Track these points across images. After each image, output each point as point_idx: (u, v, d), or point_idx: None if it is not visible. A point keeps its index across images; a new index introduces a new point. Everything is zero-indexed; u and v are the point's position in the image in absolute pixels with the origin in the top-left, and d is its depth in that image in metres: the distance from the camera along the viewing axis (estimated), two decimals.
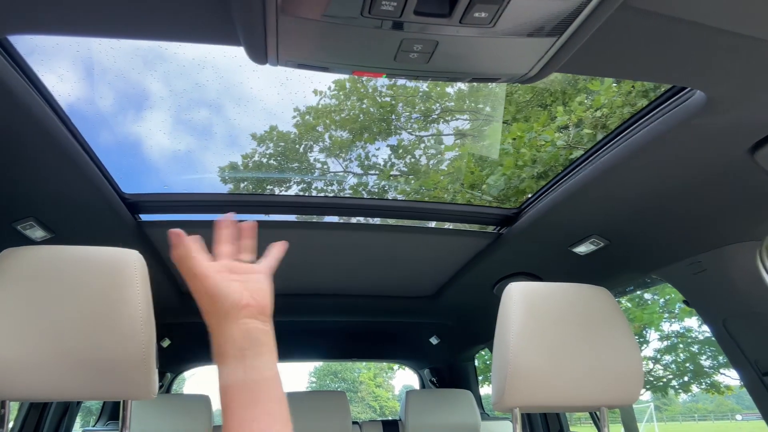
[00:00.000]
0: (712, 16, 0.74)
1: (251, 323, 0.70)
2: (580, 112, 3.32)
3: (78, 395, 1.06)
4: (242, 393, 0.66)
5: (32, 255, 1.07)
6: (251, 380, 0.67)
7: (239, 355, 0.67)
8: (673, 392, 13.30)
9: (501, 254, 2.03)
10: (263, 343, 0.70)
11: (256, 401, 0.66)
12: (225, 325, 0.69)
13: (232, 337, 0.68)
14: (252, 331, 0.70)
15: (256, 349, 0.69)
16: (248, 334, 0.69)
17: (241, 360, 0.67)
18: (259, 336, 0.70)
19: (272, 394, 0.67)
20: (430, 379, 4.02)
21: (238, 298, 0.70)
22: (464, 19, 0.59)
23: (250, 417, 0.65)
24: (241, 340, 0.68)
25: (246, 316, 0.70)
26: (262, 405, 0.66)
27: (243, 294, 0.71)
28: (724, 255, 1.46)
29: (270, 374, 0.68)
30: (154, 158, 1.81)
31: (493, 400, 1.32)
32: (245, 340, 0.68)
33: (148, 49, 1.46)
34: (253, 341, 0.69)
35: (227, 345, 0.68)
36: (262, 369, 0.68)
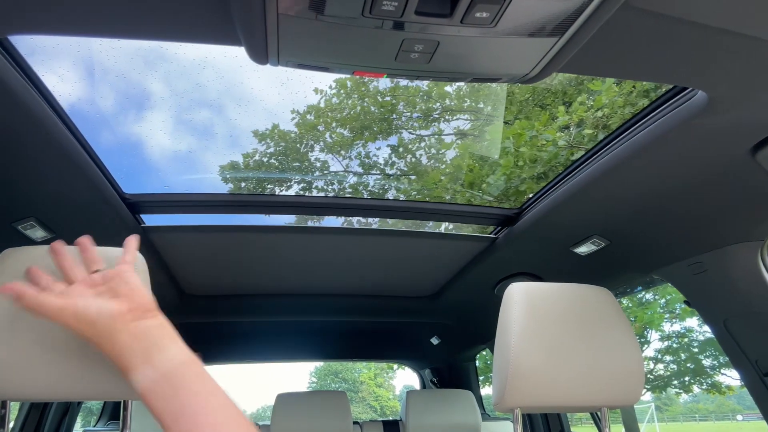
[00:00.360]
0: (713, 16, 0.74)
1: (142, 324, 0.68)
2: (581, 112, 3.32)
3: (78, 395, 1.06)
4: (162, 388, 0.63)
5: (33, 255, 1.07)
6: (166, 372, 0.64)
7: (144, 359, 0.65)
8: (674, 392, 13.29)
9: (502, 254, 2.03)
10: (163, 336, 0.68)
11: (178, 387, 0.63)
12: (117, 338, 0.67)
13: (129, 347, 0.66)
14: (146, 331, 0.68)
15: (157, 344, 0.67)
16: (144, 336, 0.67)
17: (148, 362, 0.65)
18: (155, 333, 0.68)
19: (192, 375, 0.65)
20: (431, 379, 4.02)
21: (114, 307, 0.68)
22: (465, 19, 0.59)
23: (179, 406, 0.62)
24: (140, 344, 0.66)
25: (133, 320, 0.68)
26: (185, 389, 0.63)
27: (117, 301, 0.69)
28: (725, 255, 1.46)
29: (183, 358, 0.66)
30: (155, 158, 1.81)
31: (493, 401, 1.32)
32: (143, 342, 0.67)
33: (149, 49, 1.46)
34: (150, 339, 0.67)
35: (128, 355, 0.66)
36: (172, 358, 0.66)
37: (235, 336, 3.38)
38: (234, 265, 2.21)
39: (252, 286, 2.38)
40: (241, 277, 2.35)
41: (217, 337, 3.47)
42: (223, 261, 2.17)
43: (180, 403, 0.62)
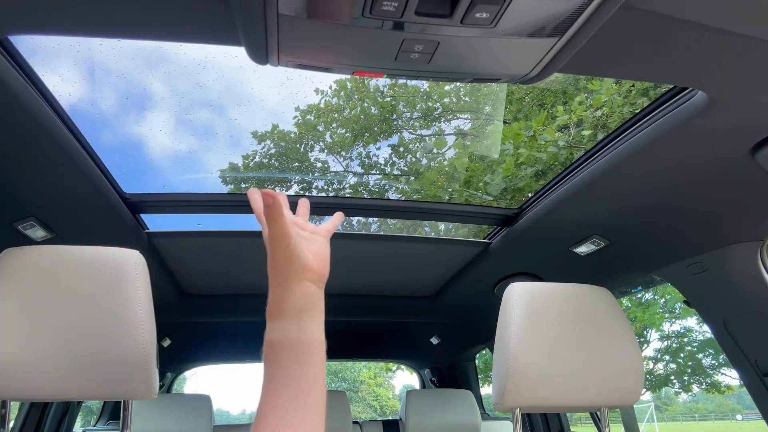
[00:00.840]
0: (713, 16, 0.74)
1: (311, 287, 0.71)
2: (580, 112, 3.31)
3: (78, 395, 1.06)
4: (294, 351, 0.67)
5: (33, 255, 1.07)
6: (304, 340, 0.68)
7: (296, 316, 0.68)
8: (674, 392, 13.31)
9: (502, 254, 2.03)
10: (318, 307, 0.72)
11: (305, 361, 0.67)
12: (288, 285, 0.69)
13: (292, 297, 0.69)
14: (311, 294, 0.71)
15: (311, 312, 0.70)
16: (308, 297, 0.70)
17: (297, 320, 0.68)
18: (315, 300, 0.72)
19: (319, 357, 0.70)
20: (431, 378, 4.02)
21: (306, 260, 0.71)
22: (465, 20, 0.59)
23: (296, 375, 0.66)
24: (301, 302, 0.69)
25: (308, 279, 0.71)
26: (310, 365, 0.67)
27: (309, 257, 0.72)
28: (725, 255, 1.46)
29: (320, 338, 0.71)
30: (155, 158, 1.81)
31: (493, 400, 1.32)
32: (305, 302, 0.70)
33: (149, 49, 1.46)
34: (310, 304, 0.70)
35: (286, 304, 0.69)
36: (314, 331, 0.70)
37: (235, 335, 3.38)
38: (234, 264, 2.21)
39: (252, 286, 2.38)
40: (240, 276, 2.35)
41: (217, 337, 3.47)
42: (222, 260, 2.17)
43: (299, 374, 0.66)
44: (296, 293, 0.69)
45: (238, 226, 1.81)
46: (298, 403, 0.65)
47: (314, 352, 0.69)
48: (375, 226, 4.37)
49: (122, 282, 1.07)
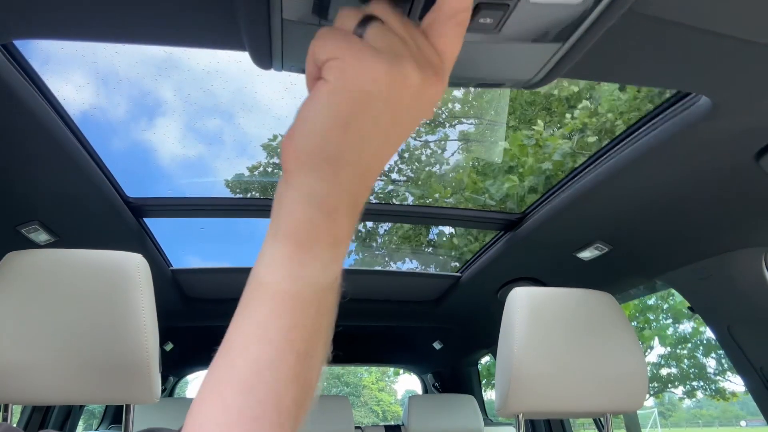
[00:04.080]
0: (717, 21, 0.73)
1: None
2: (583, 118, 3.31)
3: (81, 399, 1.06)
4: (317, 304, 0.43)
5: (36, 258, 1.07)
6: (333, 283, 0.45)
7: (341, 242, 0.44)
8: (678, 398, 13.26)
9: (505, 259, 2.03)
10: None
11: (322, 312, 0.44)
12: (375, 170, 0.44)
13: (358, 198, 0.44)
14: None
15: None
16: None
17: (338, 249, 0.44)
18: None
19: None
20: (433, 383, 4.01)
21: None
22: (469, 25, 0.59)
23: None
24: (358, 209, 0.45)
25: None
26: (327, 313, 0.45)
27: None
28: (730, 261, 1.46)
29: None
30: (158, 163, 1.82)
31: (496, 406, 1.31)
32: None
33: (157, 56, 1.46)
34: None
35: (342, 218, 0.43)
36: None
37: None
38: (236, 269, 2.21)
39: None
40: (244, 279, 2.35)
41: (220, 341, 3.46)
42: (225, 265, 2.17)
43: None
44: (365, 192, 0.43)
45: (243, 230, 1.82)
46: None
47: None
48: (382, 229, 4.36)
49: (125, 286, 1.07)
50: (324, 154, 0.40)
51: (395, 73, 0.39)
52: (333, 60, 0.39)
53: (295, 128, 0.41)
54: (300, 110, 0.41)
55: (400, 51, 0.40)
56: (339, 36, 0.40)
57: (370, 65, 0.39)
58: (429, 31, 0.44)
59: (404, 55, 0.40)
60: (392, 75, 0.39)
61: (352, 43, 0.40)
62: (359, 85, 0.39)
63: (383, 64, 0.39)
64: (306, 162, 0.40)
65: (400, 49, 0.40)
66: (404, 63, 0.40)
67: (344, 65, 0.39)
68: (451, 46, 0.45)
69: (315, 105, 0.40)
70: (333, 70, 0.39)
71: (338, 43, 0.40)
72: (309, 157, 0.40)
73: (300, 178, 0.41)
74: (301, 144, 0.40)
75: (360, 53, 0.39)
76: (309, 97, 0.41)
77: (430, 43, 0.44)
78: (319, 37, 0.41)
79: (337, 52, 0.39)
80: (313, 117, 0.40)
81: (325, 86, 0.40)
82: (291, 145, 0.41)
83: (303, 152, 0.40)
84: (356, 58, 0.39)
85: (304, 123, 0.40)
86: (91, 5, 0.72)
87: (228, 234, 2.79)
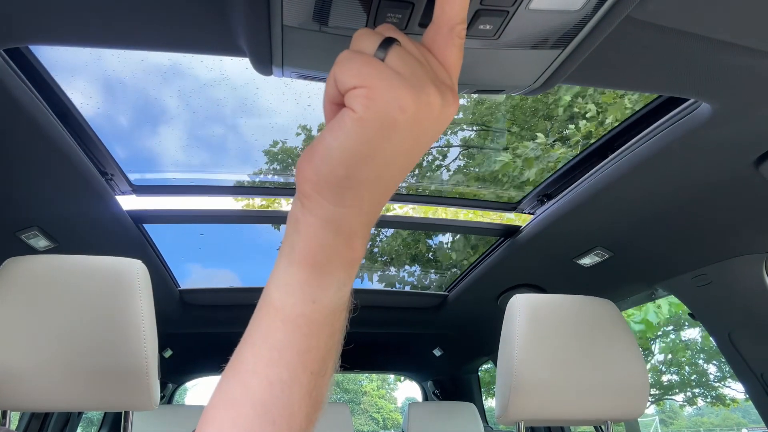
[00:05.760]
0: (716, 29, 0.74)
1: None
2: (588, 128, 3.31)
3: (79, 406, 1.06)
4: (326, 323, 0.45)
5: (35, 264, 1.07)
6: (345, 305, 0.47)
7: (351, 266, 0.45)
8: (678, 405, 13.23)
9: (505, 266, 2.03)
10: None
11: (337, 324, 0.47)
12: (386, 194, 0.44)
13: (368, 221, 0.45)
14: None
15: None
16: None
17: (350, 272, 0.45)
18: None
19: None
20: (433, 391, 4.00)
21: None
22: (469, 32, 0.59)
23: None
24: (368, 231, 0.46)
25: None
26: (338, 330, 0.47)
27: None
28: (730, 267, 1.46)
29: None
30: (159, 169, 1.82)
31: (497, 413, 1.31)
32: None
33: (160, 64, 1.47)
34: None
35: (359, 240, 0.44)
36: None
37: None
38: (236, 273, 2.21)
39: (255, 297, 2.38)
40: (243, 289, 2.35)
41: (219, 347, 3.45)
42: (224, 272, 2.16)
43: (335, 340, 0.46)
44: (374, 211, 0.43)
45: (242, 236, 1.81)
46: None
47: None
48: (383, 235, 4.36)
49: (124, 292, 1.07)
50: (346, 182, 0.40)
51: (421, 101, 0.39)
52: (360, 88, 0.39)
53: (315, 153, 0.40)
54: (323, 136, 0.40)
55: (422, 76, 0.40)
56: (363, 62, 0.40)
57: (398, 94, 0.38)
58: (432, 48, 0.45)
59: (426, 80, 0.40)
60: (418, 103, 0.39)
61: (379, 71, 0.39)
62: (387, 115, 0.39)
63: (410, 92, 0.39)
64: (326, 188, 0.40)
65: (421, 74, 0.40)
66: (428, 88, 0.40)
67: (372, 94, 0.38)
68: (455, 60, 0.45)
69: (340, 134, 0.39)
70: (360, 99, 0.39)
71: (364, 69, 0.39)
72: (330, 184, 0.40)
73: (318, 202, 0.40)
74: (324, 171, 0.40)
75: (387, 82, 0.38)
76: (334, 125, 0.40)
77: (438, 60, 0.44)
78: (343, 62, 0.40)
79: (364, 80, 0.39)
80: (339, 146, 0.39)
81: (352, 116, 0.39)
82: (310, 170, 0.40)
83: (324, 179, 0.40)
84: (384, 88, 0.38)
85: (328, 151, 0.39)
86: (90, 11, 0.72)
87: (228, 240, 2.78)
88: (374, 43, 0.41)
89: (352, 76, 0.39)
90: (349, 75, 0.39)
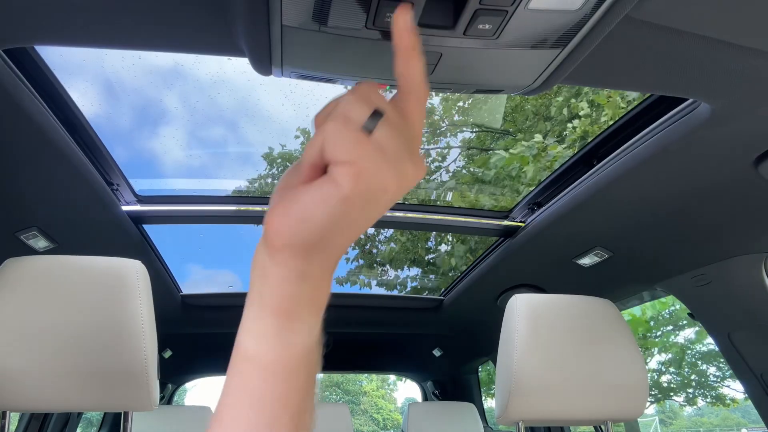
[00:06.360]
0: (716, 28, 0.74)
1: None
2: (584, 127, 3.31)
3: (79, 406, 1.06)
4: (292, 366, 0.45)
5: (35, 265, 1.07)
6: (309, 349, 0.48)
7: (316, 310, 0.47)
8: (678, 405, 13.21)
9: (504, 266, 2.03)
10: None
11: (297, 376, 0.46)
12: (346, 241, 0.45)
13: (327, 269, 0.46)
14: None
15: None
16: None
17: (314, 317, 0.47)
18: None
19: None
20: (433, 391, 3.99)
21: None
22: (468, 31, 0.59)
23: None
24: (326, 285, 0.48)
25: None
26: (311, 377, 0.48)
27: None
28: (729, 267, 1.46)
29: None
30: (158, 170, 1.83)
31: (496, 413, 1.31)
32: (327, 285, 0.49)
33: (162, 65, 1.47)
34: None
35: (321, 289, 0.46)
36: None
37: None
38: (237, 274, 2.21)
39: None
40: (243, 287, 2.35)
41: (218, 348, 3.45)
42: (224, 272, 2.16)
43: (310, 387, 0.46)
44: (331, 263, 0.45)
45: (242, 237, 1.81)
46: None
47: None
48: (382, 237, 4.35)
49: (123, 292, 1.07)
50: (319, 245, 0.42)
51: (401, 179, 0.42)
52: (349, 166, 0.40)
53: (291, 213, 0.41)
54: (303, 201, 0.41)
55: (402, 152, 0.42)
56: (355, 140, 0.40)
57: (385, 176, 0.40)
58: (403, 111, 0.46)
59: (405, 155, 0.42)
60: (399, 181, 0.41)
61: (369, 152, 0.40)
62: (373, 195, 0.41)
63: (394, 173, 0.41)
64: (297, 248, 0.41)
65: (402, 149, 0.42)
66: (406, 165, 0.42)
67: (361, 174, 0.40)
68: (421, 121, 0.47)
69: (324, 206, 0.40)
70: (347, 177, 0.40)
71: (355, 148, 0.40)
72: (303, 245, 0.41)
73: (287, 258, 0.42)
74: (299, 235, 0.41)
75: (375, 164, 0.40)
76: (316, 194, 0.41)
77: (410, 123, 0.45)
78: (334, 136, 0.41)
79: (355, 159, 0.40)
80: (320, 216, 0.40)
81: (339, 193, 0.40)
82: (285, 229, 0.41)
83: (298, 241, 0.41)
84: (372, 170, 0.40)
85: (307, 217, 0.41)
86: (90, 11, 0.72)
87: (228, 240, 2.78)
88: (364, 114, 0.42)
89: (344, 152, 0.40)
90: (340, 151, 0.40)
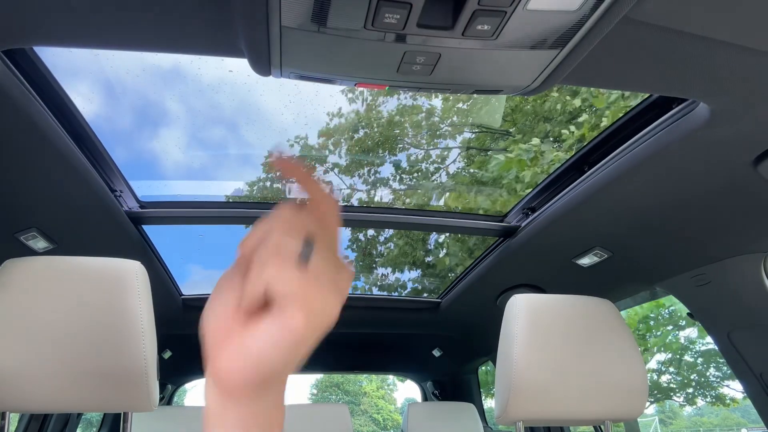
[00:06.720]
0: (714, 29, 0.74)
1: None
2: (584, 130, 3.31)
3: (78, 407, 1.06)
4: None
5: (34, 265, 1.07)
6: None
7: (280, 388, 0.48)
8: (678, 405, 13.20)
9: (504, 266, 2.03)
10: None
11: None
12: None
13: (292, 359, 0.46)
14: None
15: None
16: None
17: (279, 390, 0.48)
18: None
19: None
20: (433, 391, 3.99)
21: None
22: (467, 32, 0.59)
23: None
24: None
25: None
26: None
27: None
28: (729, 267, 1.46)
29: None
30: (157, 171, 1.83)
31: (496, 413, 1.31)
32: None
33: (161, 66, 1.47)
34: None
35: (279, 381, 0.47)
36: None
37: None
38: None
39: None
40: None
41: None
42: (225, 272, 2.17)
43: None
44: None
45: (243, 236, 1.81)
46: None
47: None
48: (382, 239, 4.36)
49: (123, 293, 1.07)
50: (272, 380, 0.43)
51: (339, 293, 0.43)
52: (298, 300, 0.40)
53: (247, 357, 0.41)
54: (258, 346, 0.41)
55: (334, 269, 0.44)
56: (296, 275, 0.41)
57: (329, 302, 0.42)
58: (316, 219, 0.47)
59: (337, 271, 0.44)
60: (340, 301, 0.43)
61: (312, 283, 0.41)
62: (323, 324, 0.42)
63: (335, 296, 0.43)
64: (255, 386, 0.42)
65: (333, 267, 0.44)
66: (341, 279, 0.44)
67: (309, 306, 0.40)
68: (335, 225, 0.49)
69: (280, 345, 0.40)
70: (299, 312, 0.40)
71: (297, 282, 0.40)
72: (262, 383, 0.42)
73: (240, 399, 0.43)
74: (258, 376, 0.41)
75: (318, 290, 0.41)
76: (268, 336, 0.41)
77: (328, 231, 0.47)
78: (275, 274, 0.41)
79: (301, 293, 0.40)
80: (277, 355, 0.41)
81: (293, 328, 0.40)
82: (238, 373, 0.42)
83: (257, 380, 0.42)
84: (318, 297, 0.41)
85: (263, 361, 0.41)
86: (89, 12, 0.72)
87: (228, 240, 2.78)
88: (298, 246, 0.42)
89: (287, 285, 0.40)
90: (288, 289, 0.40)
